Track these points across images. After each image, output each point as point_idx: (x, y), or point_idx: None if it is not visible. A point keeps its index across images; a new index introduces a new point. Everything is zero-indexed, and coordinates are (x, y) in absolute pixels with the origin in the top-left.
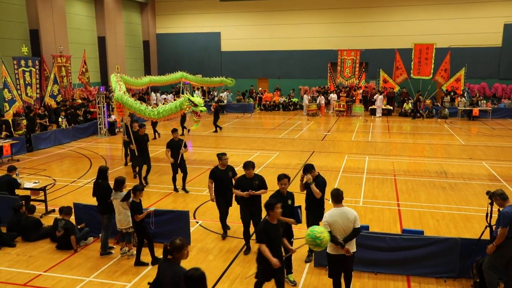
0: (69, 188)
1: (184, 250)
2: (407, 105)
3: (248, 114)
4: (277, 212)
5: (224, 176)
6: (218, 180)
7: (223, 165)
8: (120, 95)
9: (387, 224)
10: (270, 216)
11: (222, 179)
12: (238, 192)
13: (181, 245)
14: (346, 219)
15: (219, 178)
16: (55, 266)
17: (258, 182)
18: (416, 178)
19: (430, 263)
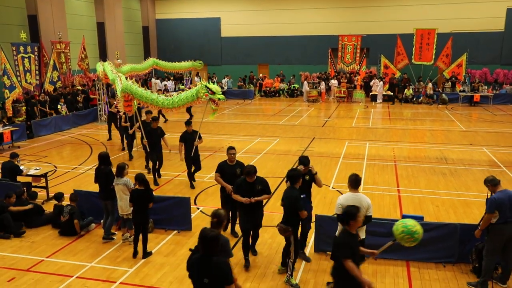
0: (70, 175)
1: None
2: (408, 91)
3: (248, 100)
4: (359, 221)
5: (232, 172)
6: (225, 175)
7: (231, 160)
8: (128, 84)
9: (387, 210)
10: (351, 226)
11: (229, 176)
12: (238, 198)
13: (226, 216)
14: (360, 205)
15: (226, 173)
16: (57, 252)
17: (260, 187)
18: (416, 164)
19: (429, 249)
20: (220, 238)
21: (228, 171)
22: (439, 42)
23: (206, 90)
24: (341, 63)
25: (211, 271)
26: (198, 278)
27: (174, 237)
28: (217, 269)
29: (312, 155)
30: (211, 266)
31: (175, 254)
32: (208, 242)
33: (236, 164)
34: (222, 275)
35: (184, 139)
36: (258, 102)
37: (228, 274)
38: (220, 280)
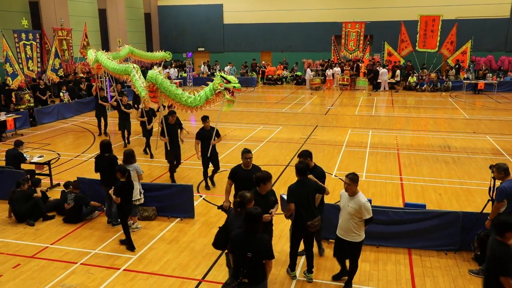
0: (73, 163)
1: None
2: (411, 78)
3: (251, 88)
4: None
5: (248, 178)
6: (239, 183)
7: (246, 165)
8: (155, 74)
9: (389, 198)
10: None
11: (245, 183)
12: None
13: (251, 198)
14: None
15: (241, 180)
16: (62, 239)
17: (274, 198)
18: (419, 152)
19: (431, 236)
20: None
21: (244, 177)
22: (443, 29)
23: (221, 80)
24: (344, 50)
25: (254, 246)
26: (242, 252)
27: (177, 225)
28: (260, 244)
29: (315, 143)
30: (255, 241)
31: (178, 241)
32: (252, 219)
33: (252, 169)
34: (265, 249)
35: (200, 137)
36: (260, 89)
37: (269, 249)
38: (263, 255)
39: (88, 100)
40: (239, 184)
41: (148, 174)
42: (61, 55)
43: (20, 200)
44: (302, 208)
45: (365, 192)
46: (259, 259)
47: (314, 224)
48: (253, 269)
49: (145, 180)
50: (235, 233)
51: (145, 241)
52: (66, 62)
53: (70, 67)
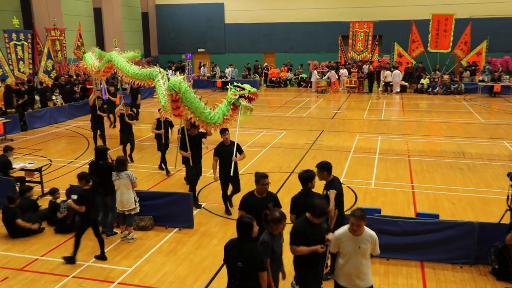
0: (66, 169)
1: (281, 224)
2: (424, 80)
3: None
4: None
5: (262, 208)
6: (251, 211)
7: (260, 192)
8: (178, 81)
9: (400, 207)
10: None
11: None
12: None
13: (280, 217)
14: None
15: (254, 211)
16: (52, 250)
17: (274, 204)
18: (431, 159)
19: (445, 248)
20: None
21: (258, 207)
22: (457, 28)
23: (235, 90)
24: (352, 51)
25: (245, 256)
26: (233, 262)
27: (175, 235)
28: (250, 253)
29: (321, 149)
30: (245, 251)
31: (176, 253)
32: (242, 227)
33: (267, 197)
34: (255, 260)
35: (219, 153)
36: (263, 92)
37: (261, 260)
38: (252, 265)
39: (82, 104)
40: (252, 214)
41: (145, 182)
42: (54, 56)
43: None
44: None
45: (374, 201)
46: (250, 271)
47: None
48: (244, 281)
49: (141, 187)
50: (229, 241)
51: (141, 252)
52: (59, 64)
53: (63, 68)
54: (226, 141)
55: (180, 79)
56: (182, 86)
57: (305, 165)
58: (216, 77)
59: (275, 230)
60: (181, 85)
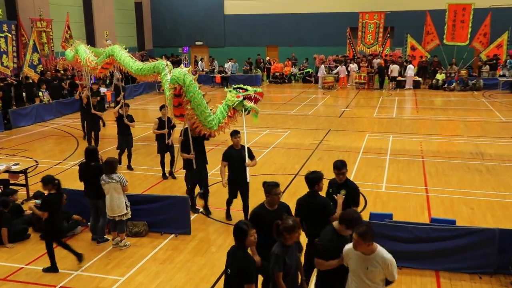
0: (53, 171)
1: (295, 233)
2: (439, 75)
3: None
4: None
5: (274, 219)
6: (263, 226)
7: (272, 203)
8: (182, 74)
9: (413, 212)
10: None
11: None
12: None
13: (293, 226)
14: None
15: (266, 224)
16: (38, 258)
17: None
18: (447, 160)
19: (463, 257)
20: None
21: (269, 220)
22: (475, 19)
23: (236, 92)
24: (361, 45)
25: (235, 263)
26: (225, 267)
27: (171, 242)
28: (240, 262)
29: (328, 149)
30: (236, 258)
31: (172, 261)
32: (235, 232)
33: (279, 209)
34: (242, 270)
35: (228, 157)
36: (266, 89)
37: (248, 271)
38: (240, 275)
39: (70, 101)
40: (263, 229)
41: (138, 184)
42: (40, 49)
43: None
44: (310, 224)
45: (385, 205)
46: (237, 280)
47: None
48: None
49: (134, 190)
50: (231, 247)
51: (135, 260)
52: (46, 57)
53: (50, 62)
54: (236, 144)
55: (185, 71)
56: (187, 78)
57: (311, 167)
58: (215, 72)
59: (289, 240)
60: (186, 77)
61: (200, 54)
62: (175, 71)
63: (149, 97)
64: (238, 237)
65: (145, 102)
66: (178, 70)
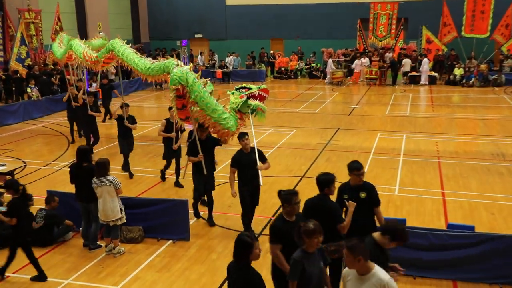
0: (42, 173)
1: (315, 238)
2: (457, 70)
3: (259, 83)
4: None
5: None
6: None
7: (291, 214)
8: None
9: (429, 218)
10: None
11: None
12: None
13: (314, 230)
14: None
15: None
16: (27, 266)
17: None
18: (465, 162)
19: (482, 266)
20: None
21: (289, 230)
22: (497, 9)
23: (239, 92)
24: (372, 37)
25: (238, 283)
26: (228, 284)
27: (168, 248)
28: (244, 283)
29: (336, 149)
30: (239, 278)
31: (169, 269)
32: (236, 246)
33: (298, 219)
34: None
35: (238, 163)
36: (270, 85)
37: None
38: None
39: (61, 97)
40: (287, 243)
41: (134, 187)
42: (29, 42)
43: None
44: None
45: (398, 210)
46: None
47: (330, 248)
48: None
49: (130, 193)
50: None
51: (129, 268)
52: (35, 51)
53: (39, 56)
54: (245, 148)
55: (187, 69)
56: (189, 77)
57: (318, 168)
58: (216, 67)
59: (309, 245)
60: (188, 76)
61: (200, 48)
62: (176, 70)
63: (145, 94)
64: (241, 251)
65: (140, 99)
66: (179, 69)
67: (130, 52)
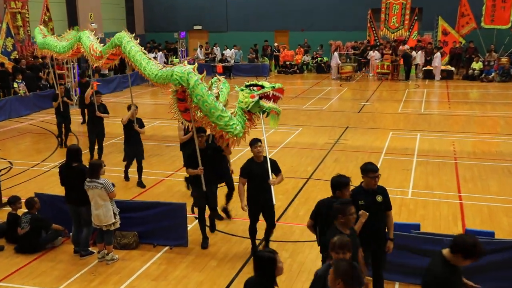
0: (30, 174)
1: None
2: (476, 64)
3: (262, 78)
4: None
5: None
6: None
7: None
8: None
9: (444, 223)
10: None
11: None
12: None
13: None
14: None
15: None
16: (13, 274)
17: None
18: (484, 162)
19: (503, 275)
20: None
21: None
22: None
23: (250, 90)
24: (384, 29)
25: None
26: None
27: (165, 255)
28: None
29: (345, 149)
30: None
31: (166, 277)
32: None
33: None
34: None
35: (248, 173)
36: (274, 80)
37: None
38: None
39: (50, 93)
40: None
41: (128, 189)
42: (15, 34)
43: None
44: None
45: (412, 214)
46: None
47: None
48: None
49: (124, 196)
50: (249, 279)
51: (123, 276)
52: (21, 43)
53: (27, 49)
54: (258, 156)
55: (189, 69)
56: (191, 78)
57: (326, 169)
58: (216, 61)
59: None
60: (190, 76)
61: (199, 41)
62: (176, 70)
63: (141, 90)
64: (265, 268)
65: (135, 95)
66: (179, 68)
67: (138, 51)
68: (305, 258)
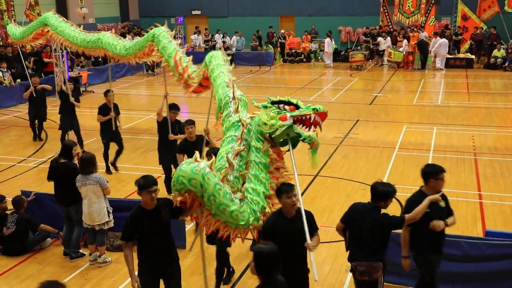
0: (16, 170)
1: None
2: (498, 51)
3: (266, 67)
4: None
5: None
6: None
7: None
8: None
9: (463, 224)
10: None
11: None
12: None
13: None
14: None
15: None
16: None
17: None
18: (507, 159)
19: None
20: None
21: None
22: None
23: (277, 109)
24: (399, 14)
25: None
26: None
27: None
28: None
29: (355, 144)
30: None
31: None
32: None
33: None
34: None
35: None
36: (279, 69)
37: None
38: None
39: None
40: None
41: (120, 187)
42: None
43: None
44: (354, 240)
45: None
46: None
47: (358, 269)
48: None
49: (117, 195)
50: None
51: (117, 280)
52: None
53: None
54: (289, 209)
55: (204, 168)
56: (208, 182)
57: (334, 166)
58: (216, 49)
59: None
60: (208, 178)
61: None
62: (184, 170)
63: (134, 79)
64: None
65: (129, 86)
66: (190, 167)
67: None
68: None
